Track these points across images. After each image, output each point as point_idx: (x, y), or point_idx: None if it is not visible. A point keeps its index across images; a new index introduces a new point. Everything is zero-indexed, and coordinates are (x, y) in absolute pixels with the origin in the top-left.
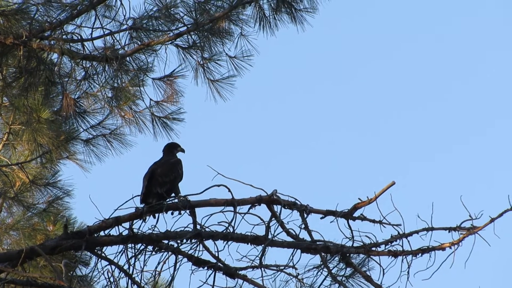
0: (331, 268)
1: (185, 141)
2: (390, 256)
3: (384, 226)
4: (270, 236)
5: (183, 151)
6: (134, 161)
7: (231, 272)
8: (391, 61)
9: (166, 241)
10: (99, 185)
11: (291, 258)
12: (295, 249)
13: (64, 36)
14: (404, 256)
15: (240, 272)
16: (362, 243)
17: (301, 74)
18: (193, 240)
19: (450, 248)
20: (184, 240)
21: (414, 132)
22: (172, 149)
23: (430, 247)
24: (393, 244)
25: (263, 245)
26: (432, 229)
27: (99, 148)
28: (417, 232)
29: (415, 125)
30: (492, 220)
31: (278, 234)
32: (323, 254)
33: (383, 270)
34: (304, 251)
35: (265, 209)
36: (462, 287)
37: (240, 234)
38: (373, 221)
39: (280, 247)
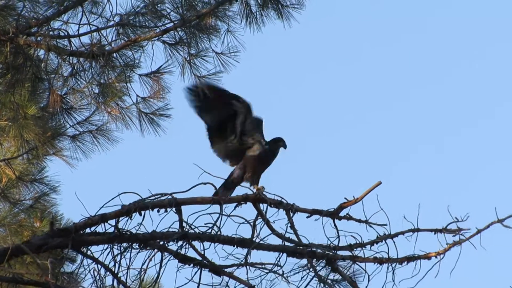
0: (317, 270)
1: (172, 137)
2: (376, 264)
3: (370, 226)
4: (256, 237)
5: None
6: (121, 157)
7: (217, 270)
8: (377, 58)
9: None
10: (85, 181)
11: (277, 260)
12: (281, 253)
13: (51, 32)
14: (389, 264)
15: (226, 269)
16: (348, 243)
17: (287, 71)
18: (179, 242)
19: (436, 257)
20: (171, 242)
21: (399, 132)
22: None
23: (415, 255)
24: (378, 244)
25: (248, 248)
26: (418, 230)
27: (85, 144)
28: (403, 233)
29: (401, 124)
30: (479, 231)
31: (264, 237)
32: (308, 257)
33: (369, 276)
34: (290, 255)
35: (251, 207)
36: None
37: (227, 236)
38: (359, 221)
39: (266, 250)
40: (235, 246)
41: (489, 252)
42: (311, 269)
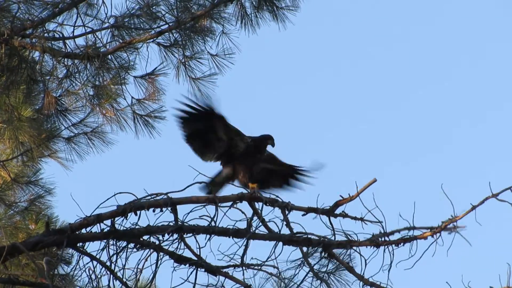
0: (313, 263)
1: (167, 139)
2: (372, 247)
3: (366, 223)
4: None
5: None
6: (116, 159)
7: (213, 269)
8: (374, 59)
9: (147, 236)
10: (80, 183)
11: (272, 252)
12: (277, 242)
13: (45, 34)
14: (386, 246)
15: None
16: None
17: (282, 72)
18: (174, 235)
19: (432, 237)
20: (166, 235)
21: (394, 131)
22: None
23: (412, 236)
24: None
25: (245, 238)
26: (414, 228)
27: (80, 146)
28: (398, 231)
29: (395, 124)
30: (473, 207)
31: (259, 225)
32: (304, 245)
33: (365, 260)
34: (286, 244)
35: (246, 206)
36: (444, 275)
37: (222, 227)
38: (355, 218)
39: (262, 240)
40: (231, 236)
41: (484, 227)
42: (305, 264)
